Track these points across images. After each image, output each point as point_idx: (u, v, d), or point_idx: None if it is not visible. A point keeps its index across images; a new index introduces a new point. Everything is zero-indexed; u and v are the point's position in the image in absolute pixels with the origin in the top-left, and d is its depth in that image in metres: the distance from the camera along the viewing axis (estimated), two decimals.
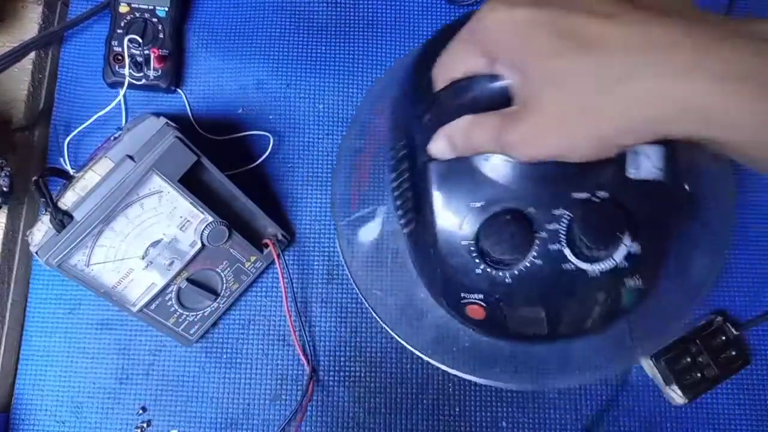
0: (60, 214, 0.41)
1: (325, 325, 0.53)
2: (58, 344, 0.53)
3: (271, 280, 0.54)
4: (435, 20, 0.60)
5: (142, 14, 0.57)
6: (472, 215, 0.36)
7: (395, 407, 0.52)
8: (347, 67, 0.59)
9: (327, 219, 0.56)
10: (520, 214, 0.35)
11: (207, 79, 0.59)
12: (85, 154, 0.56)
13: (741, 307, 0.53)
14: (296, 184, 0.56)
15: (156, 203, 0.45)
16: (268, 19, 0.60)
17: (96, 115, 0.56)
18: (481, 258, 0.37)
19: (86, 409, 0.52)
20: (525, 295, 0.37)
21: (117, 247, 0.45)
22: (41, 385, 0.52)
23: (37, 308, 0.54)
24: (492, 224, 0.35)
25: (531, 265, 0.36)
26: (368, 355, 0.53)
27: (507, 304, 0.38)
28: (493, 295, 0.38)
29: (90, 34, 0.59)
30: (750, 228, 0.55)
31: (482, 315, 0.39)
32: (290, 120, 0.58)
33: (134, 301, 0.48)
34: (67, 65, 0.59)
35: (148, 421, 0.52)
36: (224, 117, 0.58)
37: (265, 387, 0.52)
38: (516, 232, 0.35)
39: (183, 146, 0.44)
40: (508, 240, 0.35)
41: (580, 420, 0.51)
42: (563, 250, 0.36)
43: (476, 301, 0.38)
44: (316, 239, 0.55)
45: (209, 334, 0.53)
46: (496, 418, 0.51)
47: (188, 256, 0.48)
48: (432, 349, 0.47)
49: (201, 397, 0.52)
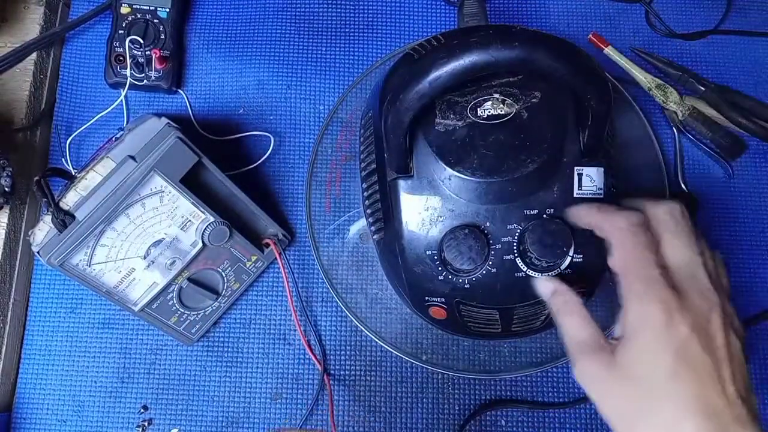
0: (62, 213, 0.41)
1: (325, 324, 0.54)
2: (60, 343, 0.53)
3: (272, 279, 0.55)
4: (434, 21, 0.61)
5: (144, 15, 0.57)
6: (435, 228, 0.41)
7: (395, 406, 0.52)
8: (347, 67, 0.59)
9: (327, 219, 0.56)
10: (478, 229, 0.40)
11: (208, 80, 0.59)
12: (87, 154, 0.57)
13: (739, 306, 0.53)
14: (296, 184, 0.57)
15: (157, 203, 0.45)
16: (268, 20, 0.60)
17: (97, 116, 0.56)
18: (443, 266, 0.41)
19: (88, 408, 0.52)
20: (481, 298, 0.41)
21: (118, 246, 0.45)
22: (43, 384, 0.53)
23: (39, 308, 0.54)
24: (453, 237, 0.40)
25: (487, 272, 0.41)
26: (368, 355, 0.53)
27: (465, 306, 0.43)
28: (453, 298, 0.42)
29: (91, 34, 0.60)
30: (747, 228, 0.55)
31: (444, 315, 0.44)
32: (291, 120, 0.58)
33: (136, 300, 0.48)
34: (69, 66, 0.59)
35: (150, 420, 0.52)
36: (225, 117, 0.58)
37: (266, 386, 0.52)
38: (474, 244, 0.40)
39: (184, 146, 0.44)
40: (467, 252, 0.40)
41: (579, 419, 0.51)
42: (515, 260, 0.41)
43: (438, 304, 0.43)
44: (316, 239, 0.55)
45: (210, 334, 0.54)
46: (495, 418, 0.51)
47: (189, 255, 0.48)
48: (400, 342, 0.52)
49: (202, 395, 0.52)
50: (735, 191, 0.56)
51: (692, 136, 0.57)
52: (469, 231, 0.40)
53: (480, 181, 0.40)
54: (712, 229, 0.55)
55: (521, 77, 0.42)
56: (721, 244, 0.55)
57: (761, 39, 0.60)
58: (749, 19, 0.61)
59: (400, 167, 0.42)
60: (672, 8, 0.61)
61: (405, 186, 0.42)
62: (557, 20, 0.61)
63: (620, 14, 0.61)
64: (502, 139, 0.40)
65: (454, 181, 0.40)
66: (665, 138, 0.57)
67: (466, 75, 0.34)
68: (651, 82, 0.57)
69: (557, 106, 0.41)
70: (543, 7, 0.61)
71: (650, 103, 0.58)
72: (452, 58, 0.34)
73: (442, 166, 0.40)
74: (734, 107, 0.56)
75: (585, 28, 0.60)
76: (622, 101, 0.57)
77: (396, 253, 0.43)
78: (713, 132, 0.56)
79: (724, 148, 0.56)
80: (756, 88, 0.58)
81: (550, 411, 0.51)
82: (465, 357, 0.52)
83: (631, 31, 0.60)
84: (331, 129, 0.56)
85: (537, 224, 0.40)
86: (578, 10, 0.61)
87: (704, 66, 0.59)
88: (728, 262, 0.54)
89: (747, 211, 0.56)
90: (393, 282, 0.48)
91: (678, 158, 0.56)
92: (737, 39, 0.60)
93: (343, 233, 0.54)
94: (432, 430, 0.51)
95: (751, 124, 0.55)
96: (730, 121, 0.56)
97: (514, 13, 0.61)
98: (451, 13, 0.61)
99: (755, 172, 0.57)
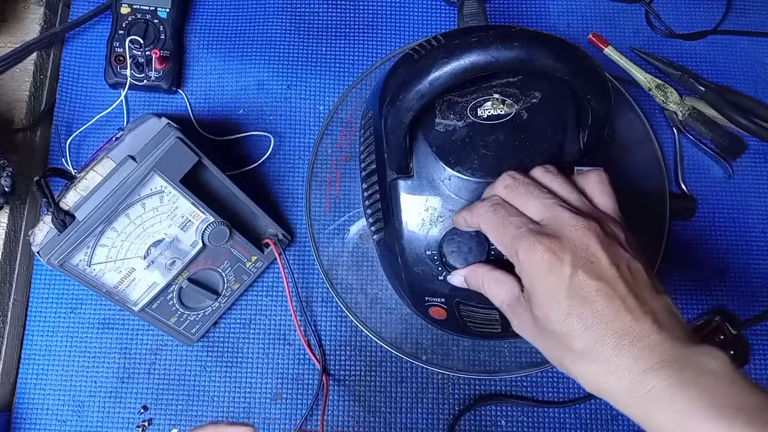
0: (62, 214, 0.41)
1: (325, 324, 0.54)
2: (60, 344, 0.53)
3: (272, 279, 0.55)
4: (434, 21, 0.61)
5: (144, 15, 0.57)
6: (435, 228, 0.41)
7: (395, 406, 0.52)
8: (347, 67, 0.59)
9: (327, 219, 0.56)
10: None
11: (208, 80, 0.59)
12: (87, 154, 0.57)
13: (740, 306, 0.54)
14: (296, 184, 0.57)
15: (157, 203, 0.45)
16: (268, 20, 0.60)
17: (97, 116, 0.56)
18: (443, 266, 0.41)
19: (87, 408, 0.52)
20: (481, 298, 0.41)
21: (118, 246, 0.45)
22: (43, 384, 0.53)
23: (39, 308, 0.54)
24: (453, 237, 0.40)
25: None
26: (368, 355, 0.53)
27: (465, 306, 0.43)
28: (453, 298, 0.43)
29: (91, 34, 0.60)
30: (747, 228, 0.55)
31: (444, 315, 0.44)
32: (291, 121, 0.58)
33: (136, 300, 0.48)
34: (69, 66, 0.59)
35: (149, 420, 0.52)
36: (225, 118, 0.58)
37: (266, 386, 0.52)
38: (474, 244, 0.40)
39: (184, 147, 0.44)
40: (466, 252, 0.40)
41: (579, 419, 0.51)
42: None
43: (438, 304, 0.44)
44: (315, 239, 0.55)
45: (210, 334, 0.54)
46: (495, 417, 0.51)
47: (189, 255, 0.48)
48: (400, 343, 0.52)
49: (202, 396, 0.52)
50: (735, 191, 0.56)
51: (692, 136, 0.57)
52: (469, 231, 0.40)
53: (480, 181, 0.40)
54: (712, 229, 0.55)
55: (521, 77, 0.42)
56: (720, 244, 0.55)
57: (761, 39, 0.60)
58: (749, 19, 0.61)
59: (400, 167, 0.42)
60: (672, 8, 0.61)
61: (405, 186, 0.42)
62: (557, 20, 0.61)
63: (620, 14, 0.61)
64: (502, 139, 0.41)
65: (454, 181, 0.40)
66: (665, 138, 0.57)
67: (466, 75, 0.34)
68: (651, 82, 0.57)
69: (557, 106, 0.42)
70: (543, 7, 0.61)
71: (650, 103, 0.58)
72: (452, 58, 0.34)
73: (442, 166, 0.40)
74: (734, 107, 0.56)
75: (585, 28, 0.60)
76: (622, 101, 0.57)
77: (396, 253, 0.43)
78: (713, 132, 0.56)
79: (724, 148, 0.56)
80: (756, 88, 0.58)
81: (549, 411, 0.51)
82: (465, 357, 0.52)
83: (631, 31, 0.60)
84: (331, 129, 0.56)
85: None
86: (578, 10, 0.61)
87: (704, 66, 0.59)
88: (728, 262, 0.54)
89: (747, 211, 0.56)
90: (393, 282, 0.48)
91: (678, 158, 0.56)
92: (737, 39, 0.60)
93: (343, 233, 0.54)
94: (432, 430, 0.51)
95: (751, 124, 0.55)
96: (730, 121, 0.56)
97: (514, 13, 0.61)
98: (451, 13, 0.61)
99: (755, 172, 0.57)
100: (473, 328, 0.44)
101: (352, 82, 0.58)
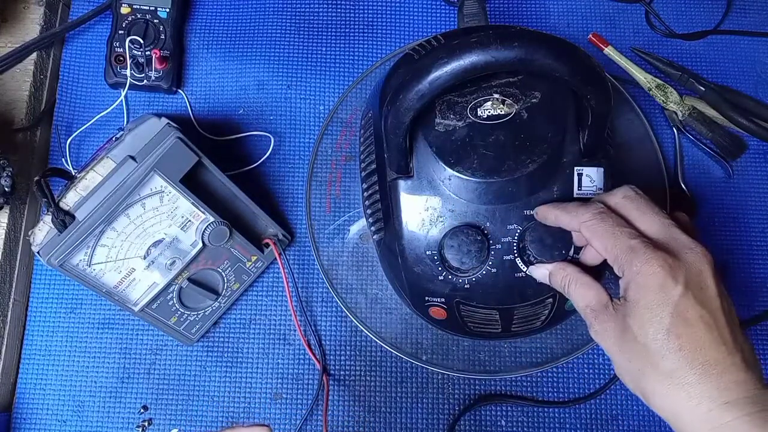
0: (62, 214, 0.41)
1: (325, 324, 0.54)
2: (60, 344, 0.53)
3: (272, 279, 0.55)
4: (434, 21, 0.61)
5: (144, 15, 0.57)
6: (435, 228, 0.41)
7: (395, 406, 0.52)
8: (347, 67, 0.59)
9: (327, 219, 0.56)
10: (478, 229, 0.40)
11: (208, 80, 0.59)
12: (87, 154, 0.57)
13: (740, 306, 0.54)
14: (296, 184, 0.57)
15: (157, 203, 0.45)
16: (268, 21, 0.60)
17: (97, 116, 0.56)
18: (443, 266, 0.41)
19: (87, 408, 0.52)
20: (481, 298, 0.42)
21: (118, 246, 0.45)
22: (43, 384, 0.53)
23: (39, 308, 0.54)
24: (453, 237, 0.40)
25: (487, 273, 0.41)
26: (368, 355, 0.53)
27: (465, 306, 0.43)
28: (453, 299, 0.43)
29: (91, 34, 0.60)
30: (747, 228, 0.55)
31: (444, 315, 0.44)
32: (291, 121, 0.58)
33: (136, 300, 0.48)
34: (69, 66, 0.59)
35: (149, 420, 0.52)
36: (225, 118, 0.58)
37: (266, 386, 0.52)
38: (474, 244, 0.40)
39: (184, 147, 0.44)
40: (466, 252, 0.40)
41: (579, 419, 0.51)
42: (515, 260, 0.41)
43: (438, 304, 0.43)
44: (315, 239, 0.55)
45: (210, 334, 0.54)
46: (495, 417, 0.51)
47: (189, 255, 0.48)
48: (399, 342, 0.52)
49: (202, 395, 0.52)
50: (735, 191, 0.56)
51: (692, 136, 0.57)
52: (469, 231, 0.40)
53: (480, 181, 0.40)
54: (712, 229, 0.55)
55: (521, 77, 0.42)
56: (720, 244, 0.55)
57: (761, 39, 0.60)
58: (749, 19, 0.61)
59: (400, 167, 0.42)
60: (672, 8, 0.61)
61: (405, 186, 0.42)
62: (557, 20, 0.61)
63: (620, 14, 0.61)
64: (502, 139, 0.41)
65: (454, 181, 0.40)
66: (665, 138, 0.57)
67: (466, 75, 0.34)
68: (651, 82, 0.57)
69: (557, 106, 0.42)
70: (543, 7, 0.61)
71: (650, 103, 0.58)
72: (452, 58, 0.34)
73: (442, 166, 0.40)
74: (734, 107, 0.56)
75: (585, 28, 0.60)
76: (622, 101, 0.57)
77: (396, 253, 0.43)
78: (713, 132, 0.56)
79: (724, 148, 0.56)
80: (756, 88, 0.58)
81: (549, 411, 0.51)
82: (465, 357, 0.52)
83: (631, 31, 0.60)
84: (331, 129, 0.56)
85: (537, 224, 0.40)
86: (578, 10, 0.61)
87: (704, 66, 0.59)
88: (728, 262, 0.54)
89: (747, 211, 0.56)
90: (393, 282, 0.48)
91: (678, 158, 0.56)
92: (737, 39, 0.60)
93: (343, 233, 0.54)
94: (432, 430, 0.51)
95: (751, 124, 0.55)
96: (730, 121, 0.56)
97: (514, 13, 0.61)
98: (451, 13, 0.61)
99: (755, 172, 0.57)
100: (473, 328, 0.44)
101: (352, 82, 0.58)
